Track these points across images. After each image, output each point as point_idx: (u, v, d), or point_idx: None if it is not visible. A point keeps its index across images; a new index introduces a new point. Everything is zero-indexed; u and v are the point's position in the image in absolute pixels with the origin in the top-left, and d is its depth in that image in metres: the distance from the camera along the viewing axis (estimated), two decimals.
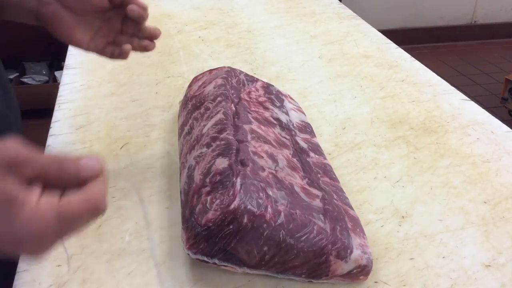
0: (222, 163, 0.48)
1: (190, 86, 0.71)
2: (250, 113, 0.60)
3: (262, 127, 0.58)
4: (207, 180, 0.47)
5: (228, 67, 0.70)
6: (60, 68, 2.30)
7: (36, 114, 1.81)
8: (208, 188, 0.46)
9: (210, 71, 0.70)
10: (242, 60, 0.94)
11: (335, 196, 0.52)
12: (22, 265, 0.49)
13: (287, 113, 0.65)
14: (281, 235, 0.44)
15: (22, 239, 0.32)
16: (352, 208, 0.52)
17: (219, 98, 0.60)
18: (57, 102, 0.78)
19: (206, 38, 1.04)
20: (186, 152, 0.56)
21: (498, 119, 0.76)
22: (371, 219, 0.56)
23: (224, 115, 0.56)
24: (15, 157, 0.32)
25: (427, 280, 0.49)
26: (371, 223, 0.55)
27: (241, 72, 0.71)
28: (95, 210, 0.34)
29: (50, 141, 0.68)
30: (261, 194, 0.45)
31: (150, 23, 0.60)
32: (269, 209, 0.44)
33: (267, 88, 0.69)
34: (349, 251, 0.45)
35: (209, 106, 0.60)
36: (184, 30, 1.08)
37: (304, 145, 0.60)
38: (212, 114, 0.58)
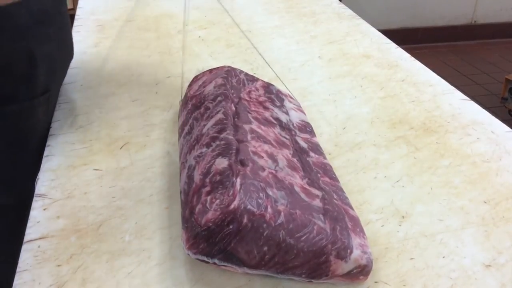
0: (222, 163, 0.48)
1: (190, 85, 0.71)
2: (250, 113, 0.60)
3: (262, 127, 0.58)
4: (207, 180, 0.47)
5: (228, 66, 0.70)
6: None
7: None
8: (208, 188, 0.46)
9: (210, 70, 0.70)
10: (242, 60, 0.94)
11: (335, 196, 0.52)
12: (22, 265, 0.49)
13: (287, 113, 0.65)
14: (281, 235, 0.44)
15: None
16: (352, 208, 0.52)
17: (219, 98, 0.60)
18: (57, 101, 0.78)
19: (206, 38, 1.04)
20: (186, 152, 0.56)
21: (498, 119, 0.76)
22: (371, 219, 0.56)
23: (224, 115, 0.56)
24: None
25: (427, 280, 0.49)
26: (371, 223, 0.55)
27: (241, 71, 0.71)
28: None
29: (50, 141, 0.68)
30: (261, 194, 0.45)
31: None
32: (269, 209, 0.44)
33: (267, 87, 0.69)
34: (349, 251, 0.45)
35: (209, 106, 0.60)
36: (184, 29, 1.08)
37: (304, 144, 0.60)
38: (212, 114, 0.58)
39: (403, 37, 2.59)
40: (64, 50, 0.73)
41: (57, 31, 0.69)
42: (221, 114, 0.57)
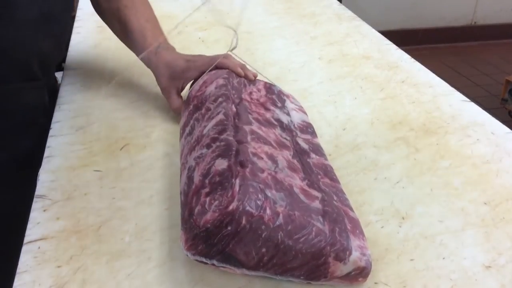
0: (221, 164, 0.48)
1: (191, 86, 0.71)
2: (250, 114, 0.60)
3: (263, 128, 0.58)
4: (206, 181, 0.47)
5: None
6: (60, 69, 2.29)
7: None
8: (207, 189, 0.46)
9: (211, 70, 0.70)
10: (241, 61, 0.94)
11: (335, 198, 0.52)
12: (22, 266, 0.49)
13: (288, 114, 0.65)
14: (279, 237, 0.44)
15: None
16: (352, 210, 0.52)
17: (220, 99, 0.60)
18: (57, 103, 0.78)
19: (206, 39, 1.04)
20: (187, 153, 0.56)
21: (498, 120, 0.76)
22: (371, 220, 0.56)
23: (224, 116, 0.56)
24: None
25: (428, 281, 0.48)
26: (371, 224, 0.55)
27: None
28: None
29: (50, 141, 0.68)
30: (259, 196, 0.45)
31: None
32: (268, 211, 0.44)
33: (269, 88, 0.69)
34: (347, 253, 0.45)
35: (210, 107, 0.60)
36: (184, 31, 1.08)
37: (305, 146, 0.60)
38: (213, 115, 0.58)
39: (403, 38, 2.59)
40: (59, 48, 0.80)
41: (59, 31, 0.76)
42: (222, 115, 0.57)
